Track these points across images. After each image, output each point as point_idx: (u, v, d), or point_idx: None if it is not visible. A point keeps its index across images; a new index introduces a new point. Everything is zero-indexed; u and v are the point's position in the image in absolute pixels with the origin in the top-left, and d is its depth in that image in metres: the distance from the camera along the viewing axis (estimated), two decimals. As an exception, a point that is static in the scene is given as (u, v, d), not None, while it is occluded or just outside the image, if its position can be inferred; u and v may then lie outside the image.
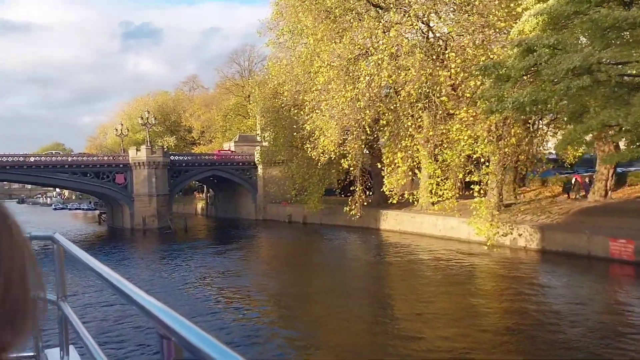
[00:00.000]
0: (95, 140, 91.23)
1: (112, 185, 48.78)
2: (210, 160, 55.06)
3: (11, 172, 46.25)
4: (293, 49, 36.11)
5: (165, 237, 44.46)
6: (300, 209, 48.67)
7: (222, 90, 75.78)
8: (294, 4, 31.04)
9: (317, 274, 28.21)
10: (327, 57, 28.48)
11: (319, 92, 30.72)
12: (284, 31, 36.51)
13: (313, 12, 28.64)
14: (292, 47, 37.28)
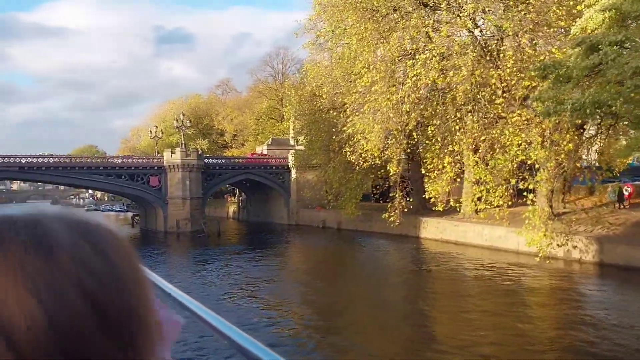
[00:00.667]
0: (129, 142, 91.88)
1: (146, 187, 48.44)
2: (244, 163, 54.42)
3: (47, 173, 46.28)
4: (333, 50, 35.06)
5: (198, 241, 43.79)
6: (334, 215, 47.50)
7: (255, 93, 75.33)
8: (337, 3, 29.97)
9: (353, 283, 26.95)
10: (371, 58, 27.33)
11: (361, 94, 29.57)
12: (325, 32, 35.50)
13: (358, 12, 27.51)
14: (332, 48, 36.25)
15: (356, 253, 37.30)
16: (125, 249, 0.66)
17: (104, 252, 0.62)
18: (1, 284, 0.57)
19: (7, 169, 44.52)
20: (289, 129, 66.01)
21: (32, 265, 0.58)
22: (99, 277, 0.59)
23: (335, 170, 38.80)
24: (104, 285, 0.59)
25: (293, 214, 53.90)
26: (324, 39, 35.78)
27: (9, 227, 0.62)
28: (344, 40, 32.63)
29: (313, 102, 40.09)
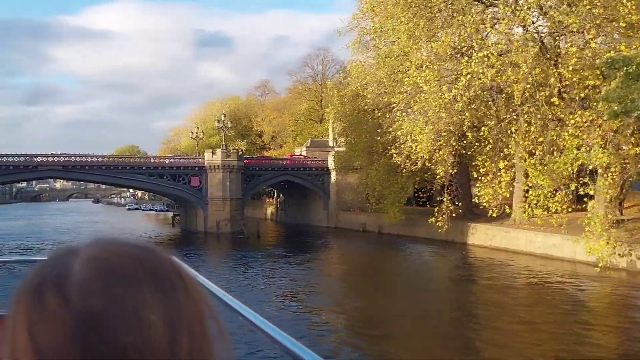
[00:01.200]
0: (169, 143, 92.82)
1: (187, 187, 48.40)
2: (283, 165, 53.90)
3: (90, 173, 46.77)
4: (379, 48, 34.04)
5: (238, 242, 43.37)
6: (375, 218, 46.39)
7: (294, 94, 74.87)
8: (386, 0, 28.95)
9: (397, 290, 25.78)
10: (423, 55, 26.25)
11: (409, 93, 28.49)
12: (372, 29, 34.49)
13: (409, 8, 26.45)
14: (378, 46, 35.23)
15: (400, 259, 36.14)
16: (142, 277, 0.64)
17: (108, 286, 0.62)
18: (14, 329, 0.61)
19: (51, 168, 45.13)
20: (328, 131, 65.32)
21: (29, 311, 0.61)
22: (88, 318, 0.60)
23: (378, 173, 37.74)
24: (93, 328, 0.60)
25: (332, 217, 53.03)
26: (370, 37, 34.83)
27: (36, 268, 0.66)
28: (391, 38, 31.57)
29: (356, 103, 39.14)
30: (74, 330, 0.60)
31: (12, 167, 43.66)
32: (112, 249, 0.66)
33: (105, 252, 0.65)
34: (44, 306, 0.61)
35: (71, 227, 64.57)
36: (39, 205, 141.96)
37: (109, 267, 0.63)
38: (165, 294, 0.64)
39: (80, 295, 0.61)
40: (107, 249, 0.66)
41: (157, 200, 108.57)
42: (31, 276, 0.64)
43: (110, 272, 0.63)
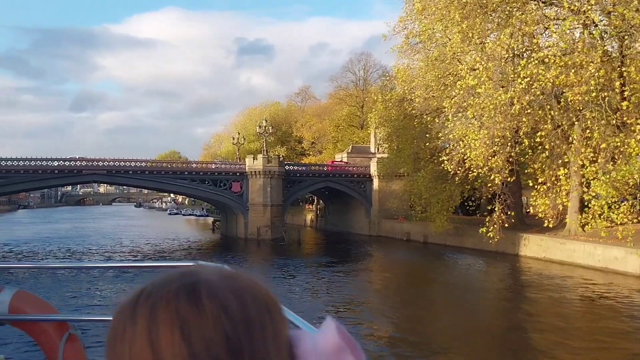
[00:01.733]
0: (210, 149, 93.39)
1: (229, 193, 48.07)
2: (324, 171, 53.03)
3: (133, 177, 47.02)
4: (428, 50, 32.83)
5: (279, 249, 42.66)
6: (420, 227, 44.94)
7: (335, 100, 74.03)
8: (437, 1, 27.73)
9: (447, 304, 24.33)
10: (478, 56, 24.94)
11: (462, 96, 27.15)
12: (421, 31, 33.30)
13: (465, 8, 25.20)
14: (427, 48, 34.02)
15: (447, 270, 34.63)
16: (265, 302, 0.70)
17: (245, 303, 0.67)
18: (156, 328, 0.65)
19: (96, 172, 45.53)
20: (369, 137, 64.17)
21: (184, 311, 0.65)
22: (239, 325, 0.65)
23: (425, 180, 36.34)
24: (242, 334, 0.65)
25: (374, 225, 51.78)
26: (418, 39, 33.64)
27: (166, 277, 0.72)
28: (442, 40, 30.31)
29: (401, 107, 37.95)
30: (231, 335, 0.65)
31: (57, 172, 44.23)
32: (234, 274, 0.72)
33: (233, 274, 0.71)
34: (201, 308, 0.65)
35: (116, 230, 65.38)
36: (83, 209, 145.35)
37: (244, 285, 0.69)
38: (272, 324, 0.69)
39: (238, 302, 0.67)
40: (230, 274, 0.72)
41: (197, 205, 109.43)
42: (173, 280, 0.69)
43: (248, 289, 0.69)
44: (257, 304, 0.68)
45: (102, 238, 53.45)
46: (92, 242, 48.53)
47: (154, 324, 0.65)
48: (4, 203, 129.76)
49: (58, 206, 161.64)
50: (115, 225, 76.43)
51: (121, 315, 0.69)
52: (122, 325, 0.68)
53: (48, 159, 44.09)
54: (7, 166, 42.82)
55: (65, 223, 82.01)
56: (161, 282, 0.70)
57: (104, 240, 50.87)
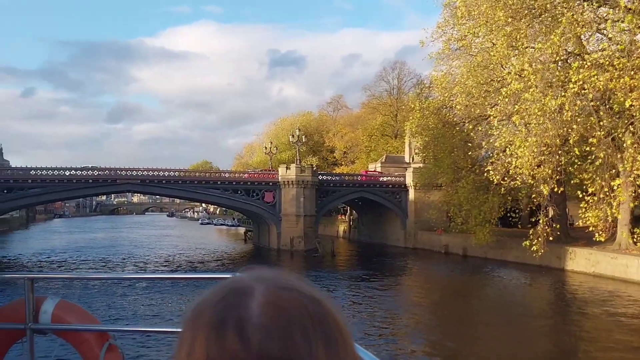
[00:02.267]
0: (242, 159, 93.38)
1: (261, 203, 47.42)
2: (358, 181, 51.90)
3: (167, 187, 46.81)
4: (472, 55, 31.54)
5: (313, 261, 41.66)
6: (459, 239, 43.36)
7: (368, 109, 73.00)
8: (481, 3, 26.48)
9: (489, 322, 22.89)
10: (526, 59, 23.61)
11: (507, 103, 25.81)
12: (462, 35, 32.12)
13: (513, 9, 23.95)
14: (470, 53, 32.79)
15: (490, 285, 33.05)
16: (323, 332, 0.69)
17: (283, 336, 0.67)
18: (193, 351, 0.68)
19: (130, 182, 45.48)
20: (404, 146, 62.85)
21: (210, 341, 0.67)
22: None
23: (466, 191, 34.86)
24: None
25: (410, 237, 50.33)
26: (458, 45, 32.43)
27: (211, 295, 0.72)
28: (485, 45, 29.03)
29: (440, 115, 36.68)
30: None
31: (91, 181, 44.33)
32: (285, 295, 0.71)
33: (279, 299, 0.70)
34: (224, 344, 0.66)
35: (149, 240, 65.50)
36: (117, 218, 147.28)
37: (284, 315, 0.68)
38: (330, 347, 0.69)
39: (260, 340, 0.66)
40: (281, 295, 0.70)
41: (229, 215, 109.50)
42: (210, 311, 0.70)
43: (286, 320, 0.68)
44: (306, 334, 0.67)
45: (136, 248, 53.47)
46: (127, 252, 48.48)
47: (192, 348, 0.68)
48: (41, 212, 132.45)
49: (93, 215, 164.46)
50: (148, 235, 76.74)
51: (179, 327, 0.73)
52: (177, 345, 0.72)
53: (83, 169, 44.27)
54: (43, 175, 43.10)
55: (100, 232, 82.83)
56: (202, 307, 0.71)
57: (138, 250, 50.81)
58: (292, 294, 0.70)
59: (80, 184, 44.19)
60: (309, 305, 0.70)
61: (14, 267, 39.49)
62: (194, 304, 0.72)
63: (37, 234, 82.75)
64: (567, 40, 22.83)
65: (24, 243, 59.67)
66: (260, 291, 0.70)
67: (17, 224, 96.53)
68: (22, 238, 70.65)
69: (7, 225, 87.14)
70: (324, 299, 0.72)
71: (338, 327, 0.71)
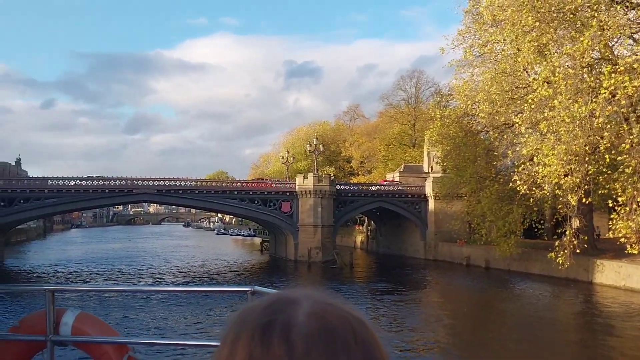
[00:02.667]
0: (258, 168, 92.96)
1: (278, 213, 46.77)
2: (377, 191, 51.00)
3: (183, 197, 46.37)
4: (496, 62, 30.69)
5: (331, 273, 40.83)
6: (481, 251, 42.25)
7: (386, 118, 72.19)
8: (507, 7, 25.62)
9: (516, 338, 21.78)
10: (555, 64, 22.73)
11: (534, 110, 24.89)
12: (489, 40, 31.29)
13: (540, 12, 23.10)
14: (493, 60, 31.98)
15: (514, 299, 31.90)
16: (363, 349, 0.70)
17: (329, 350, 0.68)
18: (231, 354, 0.69)
19: (146, 192, 45.12)
20: (422, 155, 61.94)
21: (255, 350, 0.68)
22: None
23: (489, 201, 33.82)
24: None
25: (430, 248, 49.26)
26: (481, 51, 31.63)
27: (255, 306, 0.74)
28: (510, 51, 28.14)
29: (461, 124, 35.76)
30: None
31: (107, 191, 44.09)
32: (331, 309, 0.72)
33: (325, 312, 0.72)
34: (269, 348, 0.67)
35: (166, 251, 65.21)
36: (134, 229, 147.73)
37: (329, 327, 0.70)
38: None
39: (304, 348, 0.67)
40: (326, 309, 0.72)
41: (245, 225, 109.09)
42: (256, 315, 0.71)
43: (330, 332, 0.70)
44: (348, 350, 0.69)
45: (153, 258, 53.18)
46: (143, 263, 48.16)
47: (234, 350, 0.69)
48: (59, 222, 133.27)
49: (109, 225, 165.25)
50: (165, 245, 76.50)
51: (219, 337, 0.74)
52: (218, 348, 0.73)
53: (100, 179, 44.07)
54: (59, 185, 42.96)
55: (116, 242, 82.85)
56: (248, 311, 0.72)
57: (155, 261, 50.50)
58: (338, 310, 0.72)
59: (97, 194, 43.98)
60: (353, 322, 0.71)
61: (32, 278, 39.29)
62: (240, 311, 0.74)
63: (54, 244, 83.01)
64: (596, 44, 21.90)
65: (41, 253, 59.73)
66: (307, 303, 0.71)
67: (35, 234, 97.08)
68: (39, 248, 70.87)
69: (24, 235, 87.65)
70: (367, 321, 0.74)
71: (379, 349, 0.72)
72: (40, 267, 44.74)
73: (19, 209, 42.28)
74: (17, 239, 74.46)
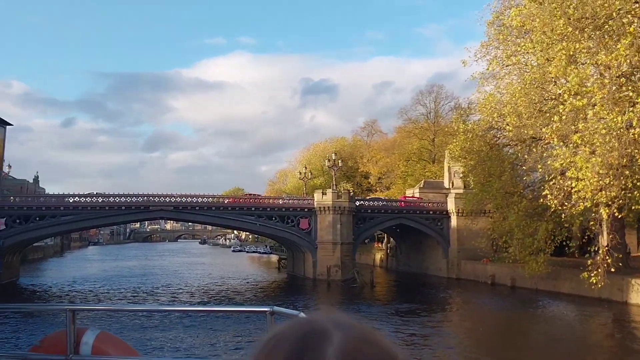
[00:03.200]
0: (275, 185, 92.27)
1: (297, 230, 45.77)
2: (397, 207, 49.78)
3: (200, 213, 45.61)
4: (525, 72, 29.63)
5: (351, 292, 39.57)
6: (507, 269, 40.76)
7: (404, 134, 71.10)
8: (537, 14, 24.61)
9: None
10: (588, 73, 21.63)
11: (566, 121, 23.72)
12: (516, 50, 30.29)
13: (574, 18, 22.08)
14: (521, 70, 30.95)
15: (545, 320, 30.27)
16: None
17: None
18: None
19: (163, 208, 44.44)
20: (442, 171, 60.72)
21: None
22: None
23: (518, 217, 32.46)
24: None
25: (453, 266, 47.78)
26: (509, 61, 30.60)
27: (284, 330, 0.72)
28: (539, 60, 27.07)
29: (486, 138, 34.61)
30: None
31: (124, 208, 43.52)
32: (365, 348, 0.70)
33: (358, 352, 0.69)
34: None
35: (183, 268, 64.40)
36: (150, 246, 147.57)
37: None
38: None
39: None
40: (360, 347, 0.69)
41: (261, 242, 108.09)
42: (286, 348, 0.69)
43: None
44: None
45: (170, 277, 52.48)
46: (160, 282, 47.44)
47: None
48: (76, 240, 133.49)
49: (126, 243, 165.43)
50: (181, 262, 75.78)
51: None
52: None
53: (116, 195, 43.53)
54: (75, 202, 42.52)
55: (133, 260, 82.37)
56: (276, 342, 0.70)
57: (172, 280, 49.78)
58: (371, 349, 0.69)
59: (113, 211, 43.44)
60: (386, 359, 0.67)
61: (49, 297, 38.69)
62: (267, 339, 0.71)
63: (71, 261, 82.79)
64: (635, 53, 20.77)
65: (58, 271, 59.32)
66: (338, 338, 0.68)
67: (52, 251, 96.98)
68: (56, 266, 70.60)
69: (41, 253, 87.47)
70: (399, 355, 0.71)
71: None
72: (56, 285, 44.16)
73: (34, 226, 41.81)
74: (34, 257, 74.26)
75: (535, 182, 31.48)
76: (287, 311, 3.25)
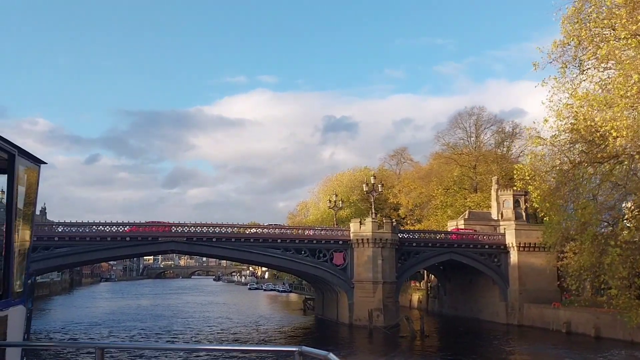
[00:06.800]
0: (295, 217, 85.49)
1: (329, 266, 39.06)
2: (447, 240, 42.80)
3: (217, 246, 39.10)
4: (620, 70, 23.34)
5: (400, 345, 32.51)
6: (587, 315, 33.63)
7: (441, 160, 64.46)
8: None
9: None
10: None
11: None
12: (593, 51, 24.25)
13: None
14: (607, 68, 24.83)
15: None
16: None
17: None
18: None
19: (174, 239, 38.05)
20: (486, 201, 53.92)
21: None
22: None
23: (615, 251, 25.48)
24: None
25: (514, 311, 40.49)
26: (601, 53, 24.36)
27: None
28: None
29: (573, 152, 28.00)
30: None
31: (128, 239, 37.27)
32: None
33: None
34: None
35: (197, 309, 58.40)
36: (164, 283, 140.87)
37: None
38: None
39: None
40: None
41: (279, 279, 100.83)
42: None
43: None
44: None
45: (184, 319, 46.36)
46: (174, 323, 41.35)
47: None
48: (87, 276, 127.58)
49: (139, 279, 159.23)
50: (195, 302, 69.08)
51: None
52: None
53: (119, 224, 37.31)
54: (71, 233, 36.37)
55: (146, 298, 76.35)
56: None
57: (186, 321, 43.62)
58: None
59: (115, 242, 37.21)
60: None
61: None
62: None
63: (79, 299, 76.86)
64: None
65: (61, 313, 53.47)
66: None
67: (60, 288, 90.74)
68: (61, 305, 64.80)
69: (47, 290, 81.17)
70: None
71: None
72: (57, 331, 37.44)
73: (36, 257, 35.60)
74: (37, 294, 68.06)
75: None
76: (316, 351, 3.12)
